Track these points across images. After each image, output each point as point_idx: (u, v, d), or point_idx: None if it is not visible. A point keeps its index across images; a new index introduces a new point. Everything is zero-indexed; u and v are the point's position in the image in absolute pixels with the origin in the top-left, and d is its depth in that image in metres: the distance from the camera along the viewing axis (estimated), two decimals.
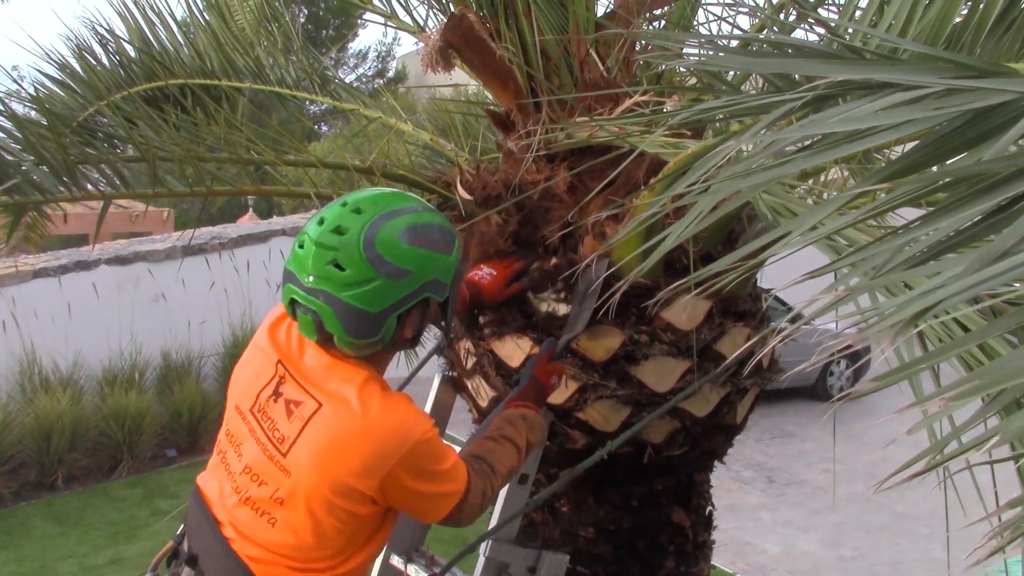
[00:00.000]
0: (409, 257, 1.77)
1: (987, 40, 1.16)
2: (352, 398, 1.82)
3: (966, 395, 0.58)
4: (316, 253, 1.74)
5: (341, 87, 4.09)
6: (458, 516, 1.98)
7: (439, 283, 1.85)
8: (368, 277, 1.73)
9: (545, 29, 2.54)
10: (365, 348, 1.83)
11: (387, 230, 1.77)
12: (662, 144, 2.06)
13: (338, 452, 1.80)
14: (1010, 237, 0.59)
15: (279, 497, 1.85)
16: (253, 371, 1.95)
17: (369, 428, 1.80)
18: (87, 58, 3.92)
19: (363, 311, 1.74)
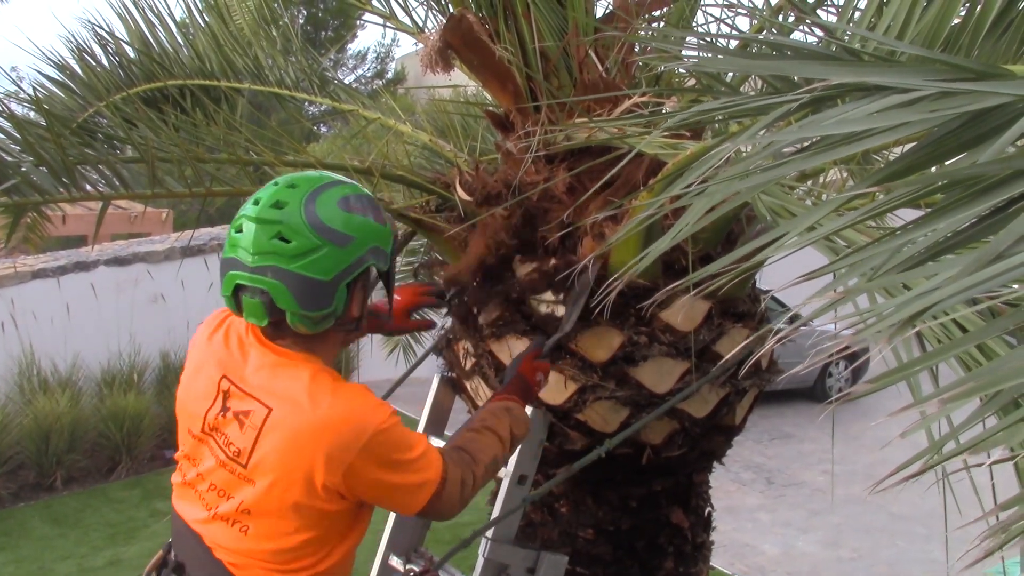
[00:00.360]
0: (351, 224, 1.77)
1: (984, 42, 1.16)
2: (302, 395, 1.78)
3: (964, 395, 0.58)
4: (258, 230, 1.72)
5: (340, 88, 4.09)
6: (438, 506, 1.91)
7: (380, 251, 1.84)
8: (316, 245, 1.72)
9: (544, 30, 2.54)
10: (320, 323, 1.78)
11: (325, 199, 1.77)
12: (661, 145, 2.06)
13: (295, 452, 1.75)
14: (1006, 239, 0.59)
15: (246, 507, 1.82)
16: (196, 395, 1.91)
17: (323, 422, 1.75)
18: (87, 59, 3.92)
19: (315, 280, 1.72)
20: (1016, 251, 0.58)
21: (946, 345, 0.65)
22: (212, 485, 1.87)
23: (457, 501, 1.93)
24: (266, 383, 1.82)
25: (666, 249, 1.16)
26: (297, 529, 1.82)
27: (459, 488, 1.92)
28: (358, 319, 1.90)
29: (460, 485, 1.93)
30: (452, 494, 1.91)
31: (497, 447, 2.05)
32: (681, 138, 2.33)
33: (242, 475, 1.82)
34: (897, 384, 0.93)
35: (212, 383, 1.88)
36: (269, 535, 1.83)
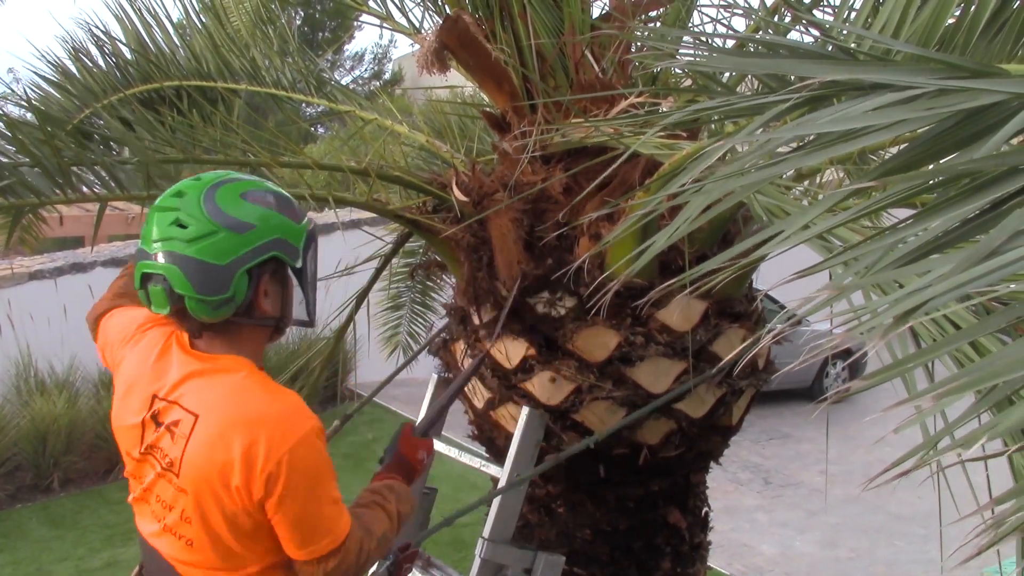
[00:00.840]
0: (250, 212, 1.77)
1: (979, 41, 1.17)
2: (230, 397, 1.77)
3: (957, 391, 0.58)
4: (158, 218, 1.75)
5: (337, 89, 4.09)
6: (336, 566, 1.81)
7: (287, 244, 1.82)
8: (211, 230, 1.72)
9: (540, 30, 2.54)
10: (219, 308, 1.76)
11: (226, 189, 1.78)
12: (657, 145, 2.07)
13: (219, 448, 1.73)
14: (999, 235, 0.59)
15: (186, 516, 1.81)
16: (130, 416, 1.90)
17: (252, 418, 1.74)
18: (83, 60, 3.91)
19: (209, 264, 1.72)
20: (1009, 248, 0.58)
21: (940, 342, 0.65)
22: (158, 498, 1.87)
23: (351, 566, 1.83)
24: (193, 391, 1.81)
25: (663, 248, 1.16)
26: (231, 534, 1.79)
27: (356, 554, 1.84)
28: (278, 318, 1.88)
29: (358, 549, 1.85)
30: (350, 556, 1.83)
31: (386, 523, 1.97)
32: (677, 138, 2.34)
33: (177, 485, 1.80)
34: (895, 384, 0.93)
35: (144, 402, 1.87)
36: (210, 542, 1.81)
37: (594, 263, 2.49)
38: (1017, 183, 0.63)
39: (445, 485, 3.16)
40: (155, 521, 1.90)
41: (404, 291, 5.78)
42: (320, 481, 1.78)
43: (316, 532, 1.78)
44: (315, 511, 1.77)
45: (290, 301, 1.90)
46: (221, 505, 1.76)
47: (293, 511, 1.75)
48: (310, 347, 4.62)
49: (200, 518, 1.80)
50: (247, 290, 1.77)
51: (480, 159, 3.19)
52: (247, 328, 1.85)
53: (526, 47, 2.57)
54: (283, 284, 1.86)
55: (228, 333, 1.83)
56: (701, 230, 2.49)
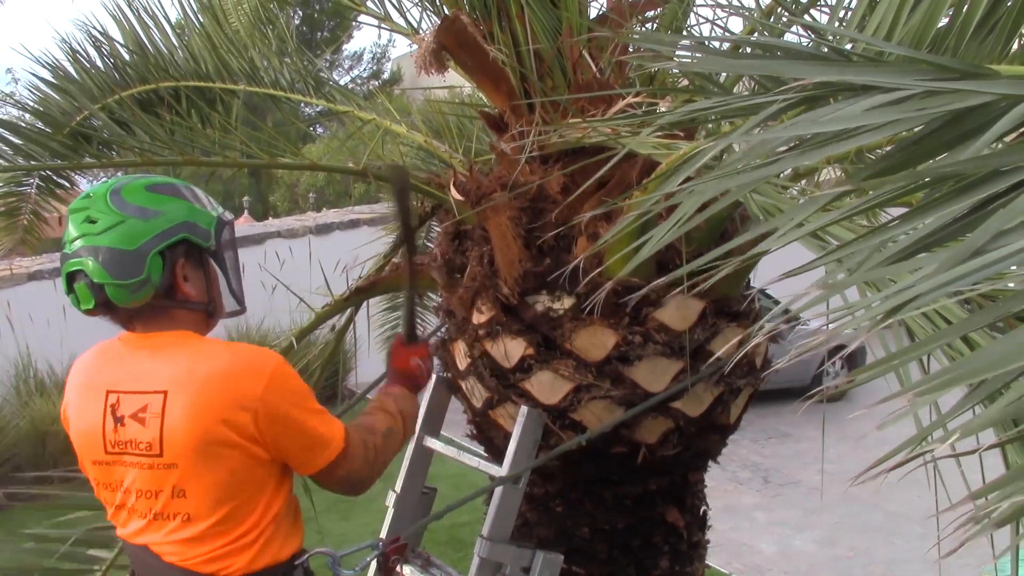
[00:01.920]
0: (155, 201, 1.88)
1: (970, 42, 1.18)
2: (191, 363, 1.86)
3: (948, 384, 0.59)
4: (72, 219, 1.86)
5: (336, 89, 4.10)
6: (347, 466, 1.98)
7: (197, 227, 1.92)
8: (118, 220, 1.83)
9: (538, 31, 2.55)
10: (137, 292, 1.84)
11: (131, 184, 1.90)
12: (654, 145, 2.08)
13: (203, 407, 1.81)
14: (981, 236, 0.60)
15: (179, 491, 1.85)
16: (88, 423, 1.96)
17: (223, 371, 1.84)
18: (81, 61, 3.92)
19: (120, 250, 1.82)
20: (993, 247, 0.59)
21: (930, 337, 0.66)
22: (139, 491, 1.89)
23: (362, 463, 2.00)
24: (150, 373, 1.88)
25: (660, 247, 1.17)
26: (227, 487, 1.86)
27: (362, 449, 2.00)
28: (206, 303, 1.98)
29: (363, 448, 2.00)
30: (356, 455, 1.99)
31: (388, 419, 2.13)
32: (674, 138, 2.35)
33: (163, 464, 1.84)
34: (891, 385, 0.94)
35: (99, 403, 1.93)
36: (205, 507, 1.86)
37: (592, 263, 2.50)
38: (1000, 185, 0.64)
39: (446, 484, 3.17)
40: (140, 518, 1.92)
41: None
42: (303, 402, 1.92)
43: (317, 445, 1.93)
44: (308, 429, 1.92)
45: (215, 286, 2.01)
46: (218, 460, 1.83)
47: (290, 437, 1.89)
48: (310, 347, 4.64)
49: (198, 485, 1.84)
50: (162, 272, 1.86)
51: (478, 159, 3.20)
52: (177, 311, 1.94)
53: (524, 48, 2.57)
54: (202, 268, 1.96)
55: (160, 316, 1.92)
56: (698, 229, 2.50)
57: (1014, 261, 0.58)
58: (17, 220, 4.26)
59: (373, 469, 2.05)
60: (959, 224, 0.66)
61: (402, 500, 2.91)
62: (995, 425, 0.81)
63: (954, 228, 0.67)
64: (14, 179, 4.22)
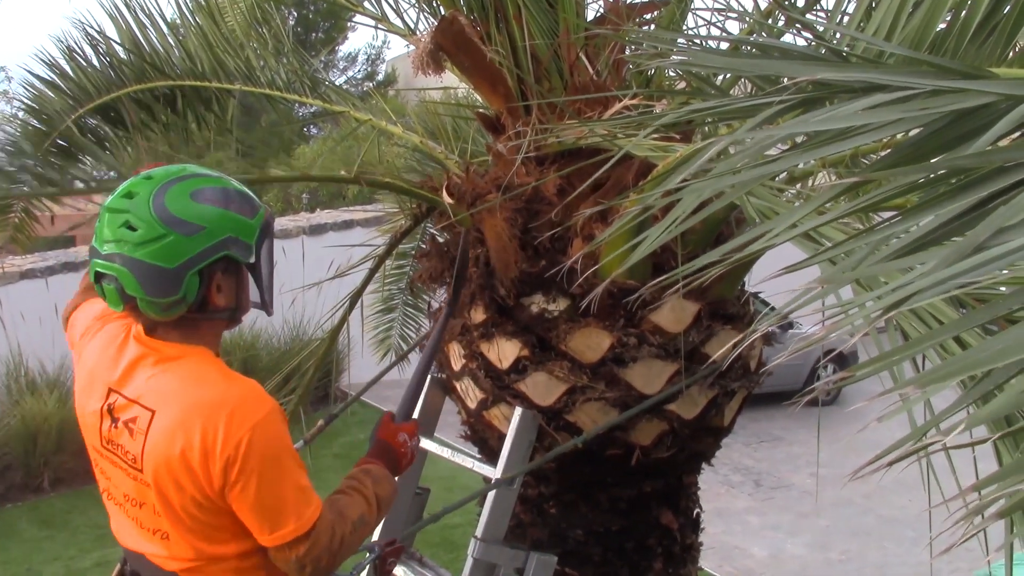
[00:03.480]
0: (200, 214, 1.76)
1: (969, 45, 1.18)
2: (185, 386, 1.78)
3: (941, 379, 0.59)
4: (109, 219, 1.76)
5: (331, 89, 4.10)
6: (307, 553, 1.79)
7: (239, 242, 1.81)
8: (160, 234, 1.72)
9: (535, 32, 2.55)
10: (170, 309, 1.77)
11: (176, 190, 1.77)
12: (651, 147, 2.08)
13: (178, 439, 1.73)
14: (982, 232, 0.60)
15: (157, 511, 1.81)
16: (90, 410, 1.91)
17: (210, 401, 1.74)
18: (77, 59, 3.91)
19: (158, 267, 1.73)
20: (994, 243, 0.59)
21: (923, 335, 0.66)
22: (126, 496, 1.88)
23: (325, 551, 1.81)
24: (149, 385, 1.82)
25: (655, 247, 1.17)
26: (204, 525, 1.80)
27: (328, 538, 1.82)
28: (233, 309, 1.88)
29: (330, 535, 1.83)
30: (320, 544, 1.81)
31: (363, 506, 1.94)
32: (671, 140, 2.35)
33: (143, 480, 1.81)
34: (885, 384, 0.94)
35: (101, 397, 1.88)
36: (183, 535, 1.81)
37: (588, 264, 2.50)
38: (1003, 181, 0.64)
39: (438, 485, 3.16)
40: (130, 521, 1.90)
41: (397, 293, 5.78)
42: (281, 463, 1.77)
43: (281, 516, 1.76)
44: (278, 494, 1.76)
45: (245, 289, 1.90)
46: (185, 493, 1.76)
47: (254, 495, 1.74)
48: (303, 348, 4.63)
49: (168, 510, 1.80)
50: (198, 290, 1.77)
51: (474, 160, 3.19)
52: (202, 322, 1.85)
53: (521, 49, 2.58)
54: (236, 276, 1.86)
55: (184, 327, 1.84)
56: (694, 231, 2.50)
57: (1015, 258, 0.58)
58: (8, 218, 4.24)
59: (334, 560, 1.85)
60: (959, 222, 0.66)
61: (395, 501, 2.91)
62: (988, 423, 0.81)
63: (953, 226, 0.67)
64: (8, 176, 4.20)
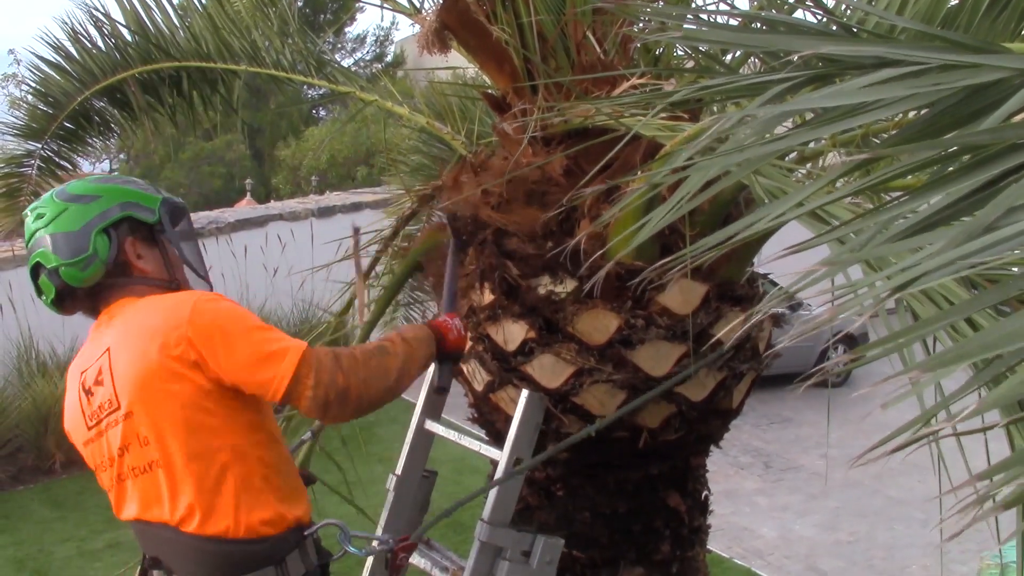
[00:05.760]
0: (95, 188, 2.01)
1: (982, 20, 1.15)
2: (132, 315, 1.95)
3: (950, 363, 0.58)
4: (27, 221, 2.01)
5: (338, 70, 4.07)
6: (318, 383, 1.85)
7: (139, 205, 2.02)
8: (63, 208, 1.96)
9: (542, 11, 2.52)
10: (87, 268, 1.94)
11: (76, 182, 2.04)
12: (659, 127, 2.05)
13: (137, 343, 1.87)
14: (993, 211, 0.58)
15: (143, 438, 1.89)
16: (71, 412, 2.04)
17: (152, 309, 1.92)
18: (82, 41, 3.90)
19: (64, 233, 1.94)
20: (1005, 223, 0.58)
21: (934, 316, 0.64)
22: (120, 450, 1.94)
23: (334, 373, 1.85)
24: (101, 340, 1.98)
25: (663, 227, 1.15)
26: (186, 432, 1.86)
27: (331, 360, 1.87)
28: (167, 281, 2.05)
29: (332, 357, 1.88)
30: (325, 364, 1.86)
31: (381, 342, 2.06)
32: (679, 120, 2.32)
33: (123, 415, 1.90)
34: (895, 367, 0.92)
35: (75, 387, 2.03)
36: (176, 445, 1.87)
37: (595, 245, 2.48)
38: (1016, 159, 0.62)
39: (445, 468, 3.17)
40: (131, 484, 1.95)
41: None
42: (237, 319, 1.91)
43: (266, 361, 1.85)
44: (251, 344, 1.86)
45: (176, 264, 2.08)
46: (166, 396, 1.85)
47: (230, 354, 1.85)
48: (312, 330, 4.63)
49: (153, 428, 1.86)
50: (109, 248, 1.96)
51: (481, 141, 3.17)
52: (137, 287, 2.01)
53: (527, 28, 2.55)
54: (157, 246, 2.05)
55: (120, 294, 2.01)
56: (702, 211, 2.48)
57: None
58: (17, 202, 4.25)
59: (356, 379, 1.89)
60: (969, 201, 0.65)
61: (403, 483, 2.90)
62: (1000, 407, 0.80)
63: (964, 205, 0.65)
64: (14, 160, 4.20)
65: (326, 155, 15.78)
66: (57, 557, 6.42)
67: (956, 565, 5.95)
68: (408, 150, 5.06)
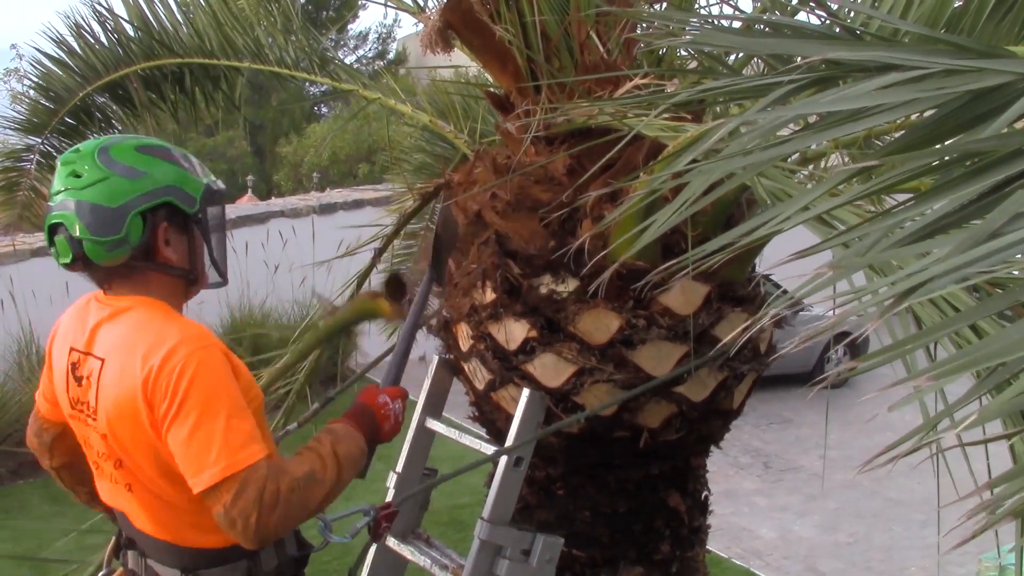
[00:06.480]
0: (142, 161, 1.85)
1: (986, 25, 1.15)
2: (132, 332, 1.82)
3: (956, 371, 0.58)
4: (59, 171, 1.85)
5: (340, 68, 4.07)
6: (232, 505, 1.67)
7: (182, 191, 1.88)
8: (103, 176, 1.81)
9: (545, 10, 2.52)
10: (114, 250, 1.81)
11: (122, 143, 1.89)
12: (661, 127, 2.05)
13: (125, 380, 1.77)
14: (998, 218, 0.58)
15: (117, 460, 1.84)
16: (59, 380, 1.96)
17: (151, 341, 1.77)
18: (85, 36, 3.90)
19: (101, 206, 1.80)
20: (1010, 229, 0.58)
21: (939, 323, 0.64)
22: (99, 452, 1.91)
23: (254, 504, 1.67)
24: (101, 337, 1.88)
25: (665, 228, 1.15)
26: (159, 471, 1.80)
27: (258, 490, 1.68)
28: (187, 271, 1.94)
29: (260, 487, 1.68)
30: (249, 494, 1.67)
31: (314, 462, 1.82)
32: (682, 120, 2.32)
33: (100, 432, 1.85)
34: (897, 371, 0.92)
35: (64, 360, 1.94)
36: (147, 483, 1.83)
37: (597, 245, 2.48)
38: (1021, 165, 0.62)
39: (445, 467, 3.17)
40: (105, 477, 1.93)
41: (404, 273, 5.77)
42: (216, 398, 1.73)
43: (207, 453, 1.68)
44: (210, 429, 1.70)
45: (199, 255, 1.96)
46: (137, 437, 1.79)
47: (186, 427, 1.70)
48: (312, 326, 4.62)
49: (128, 458, 1.82)
50: (142, 233, 1.83)
51: (484, 140, 3.17)
52: (154, 274, 1.90)
53: (531, 27, 2.55)
54: (187, 234, 1.92)
55: (135, 278, 1.89)
56: (704, 213, 2.48)
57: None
58: (15, 196, 4.25)
59: (268, 519, 1.68)
60: (974, 207, 0.65)
61: (403, 481, 2.91)
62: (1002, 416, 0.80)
63: (969, 211, 0.65)
64: (13, 154, 4.21)
65: (328, 152, 15.79)
66: (56, 551, 6.42)
67: (954, 567, 5.95)
68: (410, 148, 5.06)
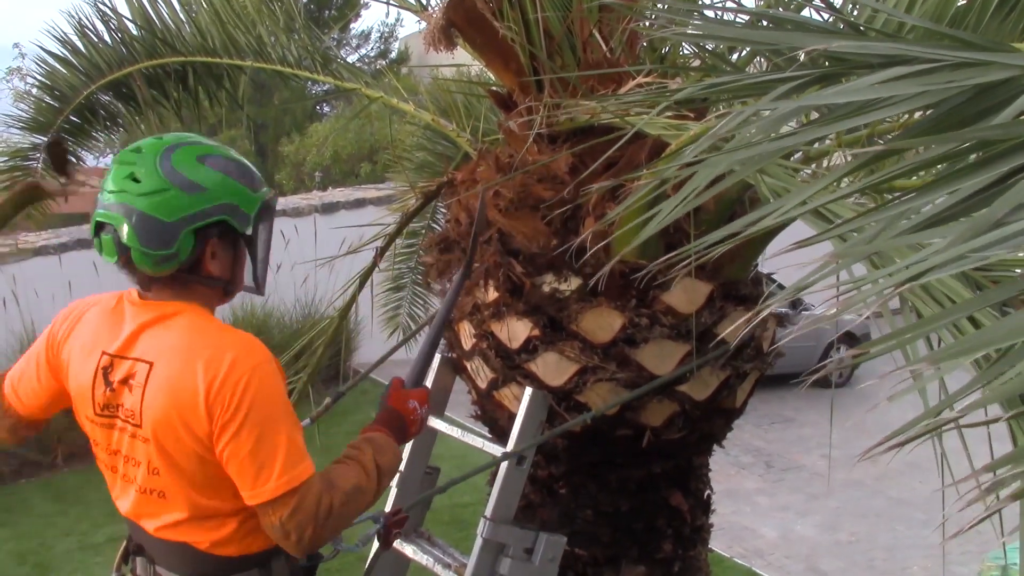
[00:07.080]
0: (205, 176, 1.81)
1: (991, 20, 1.15)
2: (185, 337, 1.81)
3: (952, 357, 0.58)
4: (116, 170, 1.80)
5: (343, 67, 4.07)
6: (290, 518, 1.74)
7: (238, 210, 1.85)
8: (162, 187, 1.77)
9: (548, 8, 2.52)
10: (161, 264, 1.79)
11: (183, 150, 1.83)
12: (664, 126, 2.05)
13: (181, 385, 1.75)
14: (1000, 208, 0.58)
15: (154, 467, 1.82)
16: (83, 380, 1.92)
17: (211, 348, 1.77)
18: (88, 35, 3.90)
19: (157, 219, 1.77)
20: (1012, 219, 0.58)
21: (939, 314, 0.64)
22: (127, 458, 1.88)
23: (311, 518, 1.75)
24: (147, 341, 1.85)
25: (667, 223, 1.15)
26: (205, 479, 1.80)
27: (315, 504, 1.76)
28: (227, 282, 1.92)
29: (317, 502, 1.77)
30: (307, 508, 1.76)
31: (359, 475, 1.88)
32: (684, 118, 2.32)
33: (142, 436, 1.82)
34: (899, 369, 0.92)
35: (92, 363, 1.90)
36: (181, 492, 1.82)
37: (599, 243, 2.48)
38: None
39: (448, 465, 3.17)
40: (129, 486, 1.91)
41: (406, 272, 5.79)
42: (275, 411, 1.77)
43: (268, 467, 1.73)
44: (270, 442, 1.74)
45: (241, 266, 1.95)
46: (185, 446, 1.77)
47: (245, 440, 1.73)
48: (314, 326, 4.63)
49: (168, 465, 1.81)
50: (192, 249, 1.81)
51: (486, 139, 3.18)
52: (195, 285, 1.88)
53: (533, 25, 2.55)
54: (233, 248, 1.90)
55: (176, 286, 1.87)
56: (707, 210, 2.48)
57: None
58: None
59: (321, 532, 1.79)
60: (977, 199, 0.65)
61: (406, 480, 2.91)
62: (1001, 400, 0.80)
63: (972, 203, 0.65)
64: (19, 154, 4.21)
65: (330, 151, 15.79)
66: (58, 551, 6.43)
67: (957, 567, 5.95)
68: (412, 147, 5.06)
